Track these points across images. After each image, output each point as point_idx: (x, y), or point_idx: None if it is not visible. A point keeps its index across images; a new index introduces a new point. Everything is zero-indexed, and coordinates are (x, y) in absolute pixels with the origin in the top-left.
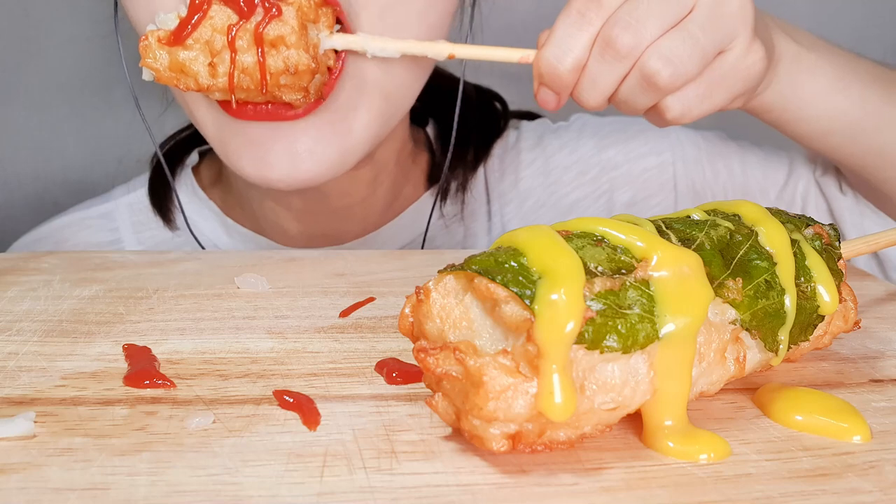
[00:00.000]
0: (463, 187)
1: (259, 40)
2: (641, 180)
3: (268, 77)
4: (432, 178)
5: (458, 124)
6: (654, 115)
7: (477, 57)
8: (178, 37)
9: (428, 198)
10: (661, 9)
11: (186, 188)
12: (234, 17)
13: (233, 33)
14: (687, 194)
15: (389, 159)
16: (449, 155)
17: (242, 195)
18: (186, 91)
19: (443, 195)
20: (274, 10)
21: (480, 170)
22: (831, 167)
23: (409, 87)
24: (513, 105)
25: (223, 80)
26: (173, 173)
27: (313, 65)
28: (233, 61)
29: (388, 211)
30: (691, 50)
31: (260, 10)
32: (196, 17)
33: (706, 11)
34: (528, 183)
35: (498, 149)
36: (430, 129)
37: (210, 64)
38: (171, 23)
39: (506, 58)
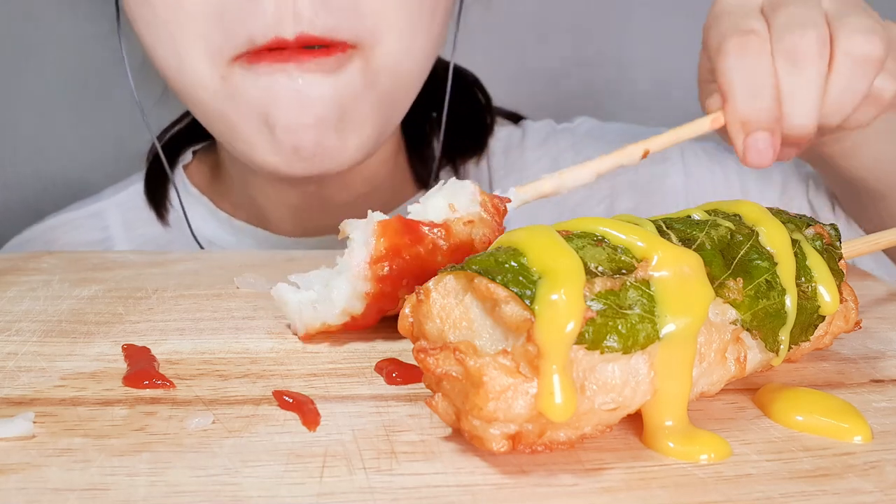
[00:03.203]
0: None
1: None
2: (646, 190)
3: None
4: (415, 167)
5: (439, 112)
6: (872, 103)
7: (672, 142)
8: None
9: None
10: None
11: (179, 186)
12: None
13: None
14: (688, 204)
15: (387, 158)
16: (440, 146)
17: (240, 189)
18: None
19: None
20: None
21: (483, 166)
22: (822, 186)
23: (413, 90)
24: (496, 101)
25: None
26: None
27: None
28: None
29: (386, 208)
30: (871, 21)
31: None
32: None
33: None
34: None
35: (501, 146)
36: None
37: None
38: None
39: (697, 130)
